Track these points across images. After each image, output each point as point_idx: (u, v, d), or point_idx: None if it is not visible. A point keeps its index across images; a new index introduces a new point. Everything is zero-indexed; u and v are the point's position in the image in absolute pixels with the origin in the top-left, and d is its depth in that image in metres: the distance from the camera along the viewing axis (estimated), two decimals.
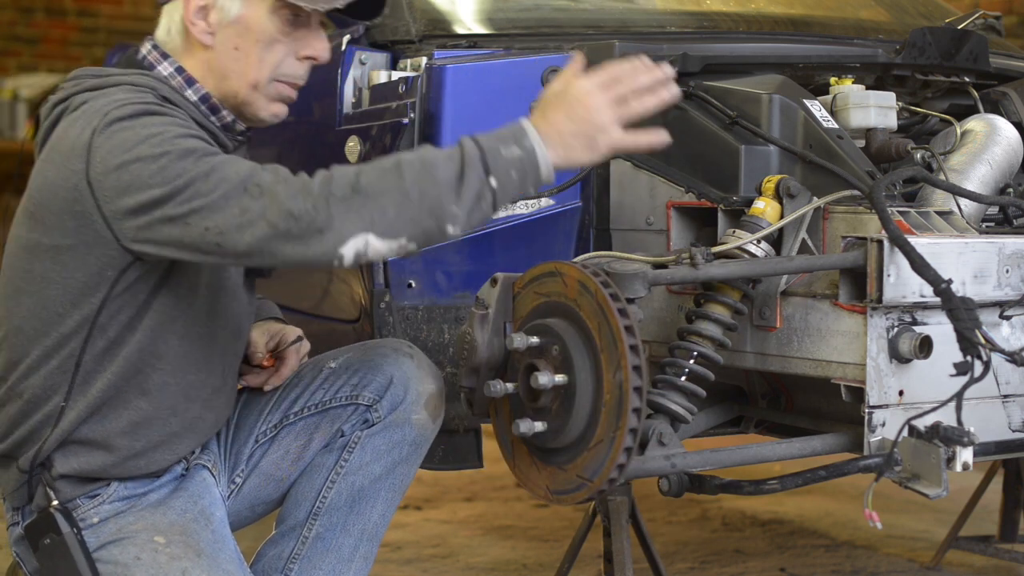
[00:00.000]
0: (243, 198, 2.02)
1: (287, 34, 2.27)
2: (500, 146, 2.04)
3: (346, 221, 2.01)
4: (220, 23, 2.25)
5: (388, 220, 2.01)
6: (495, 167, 2.04)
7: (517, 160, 2.05)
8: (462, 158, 2.03)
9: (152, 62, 2.28)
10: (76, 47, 8.94)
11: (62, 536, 2.23)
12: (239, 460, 2.46)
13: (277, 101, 2.31)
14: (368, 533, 2.45)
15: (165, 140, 2.07)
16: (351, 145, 2.82)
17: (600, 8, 3.24)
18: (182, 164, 2.05)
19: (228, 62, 2.26)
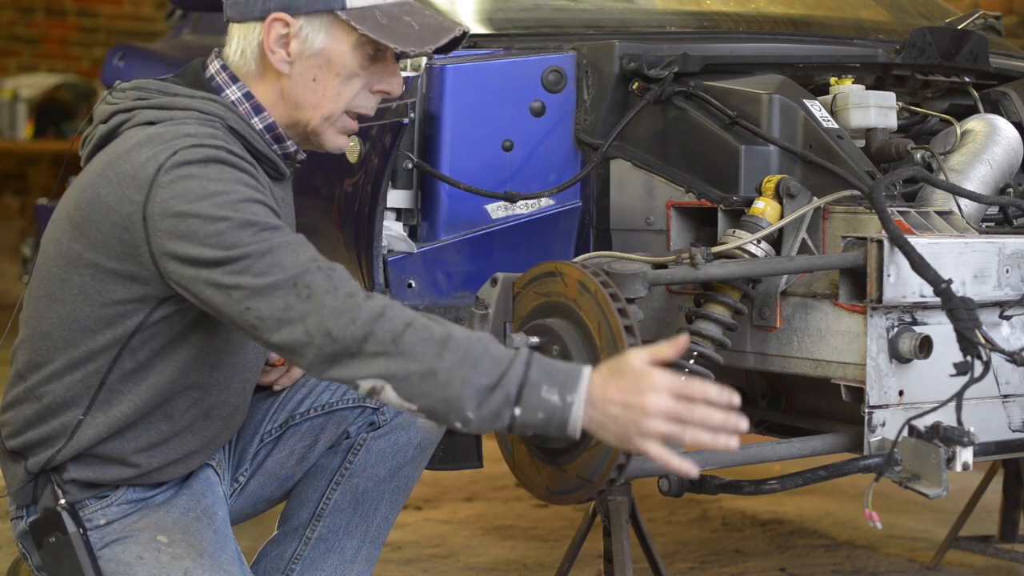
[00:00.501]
0: (290, 295, 1.98)
1: (366, 68, 2.24)
2: (544, 384, 1.94)
3: (373, 363, 1.96)
4: (301, 54, 2.21)
5: (409, 384, 1.96)
6: (527, 401, 1.94)
7: (551, 407, 1.94)
8: (503, 374, 1.94)
9: (221, 84, 2.23)
10: (76, 47, 8.95)
11: (68, 536, 2.22)
12: (243, 459, 2.46)
13: (344, 134, 2.28)
14: (371, 535, 2.45)
15: (228, 203, 2.03)
16: (351, 145, 2.82)
17: (600, 8, 3.24)
18: (240, 234, 2.01)
19: (304, 92, 2.22)
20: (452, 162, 2.75)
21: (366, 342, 1.95)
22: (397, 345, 1.94)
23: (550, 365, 1.97)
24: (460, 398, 1.94)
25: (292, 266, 2.00)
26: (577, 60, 2.80)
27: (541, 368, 1.95)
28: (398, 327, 1.95)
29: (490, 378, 1.93)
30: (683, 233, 2.63)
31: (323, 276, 1.99)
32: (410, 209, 2.78)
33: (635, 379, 1.91)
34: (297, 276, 1.99)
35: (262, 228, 2.02)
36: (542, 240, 2.79)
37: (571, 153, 2.80)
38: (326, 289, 1.98)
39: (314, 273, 1.99)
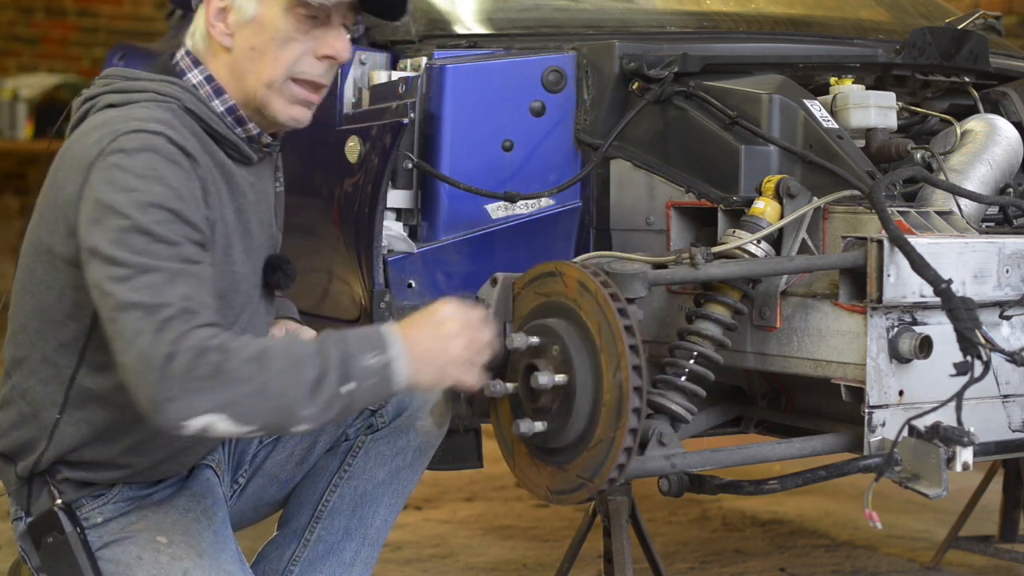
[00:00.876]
0: (146, 321, 1.97)
1: (304, 32, 2.24)
2: (364, 352, 2.02)
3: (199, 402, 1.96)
4: (238, 24, 2.23)
5: (240, 409, 1.97)
6: (355, 374, 2.01)
7: (377, 370, 2.03)
8: (326, 360, 2.00)
9: (183, 68, 2.26)
10: (76, 47, 8.94)
11: (65, 535, 2.23)
12: (243, 460, 2.46)
13: (296, 104, 2.27)
14: (370, 538, 2.45)
15: (139, 202, 2.03)
16: (351, 145, 2.82)
17: (600, 8, 3.24)
18: (135, 240, 2.02)
19: (245, 62, 2.24)
20: (452, 162, 2.75)
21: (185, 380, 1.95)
22: (219, 375, 1.95)
23: (359, 335, 2.04)
24: (292, 403, 1.98)
25: (163, 294, 1.99)
26: (577, 60, 2.80)
27: (355, 340, 2.03)
28: (214, 360, 1.95)
29: (316, 369, 1.98)
30: (683, 233, 2.62)
31: (181, 320, 1.98)
32: (410, 209, 2.78)
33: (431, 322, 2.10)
34: (160, 306, 1.98)
35: (156, 240, 2.02)
36: (542, 240, 2.79)
37: (571, 153, 2.80)
38: (177, 330, 1.97)
39: (178, 315, 1.98)
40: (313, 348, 2.01)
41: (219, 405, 1.96)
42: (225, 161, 2.23)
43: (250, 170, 2.29)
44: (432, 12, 3.06)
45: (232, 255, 2.22)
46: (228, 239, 2.21)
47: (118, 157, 2.07)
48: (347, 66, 2.93)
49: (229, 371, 1.95)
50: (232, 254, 2.22)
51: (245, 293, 2.28)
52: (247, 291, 2.28)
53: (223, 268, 2.19)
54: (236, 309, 2.26)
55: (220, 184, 2.20)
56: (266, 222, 2.34)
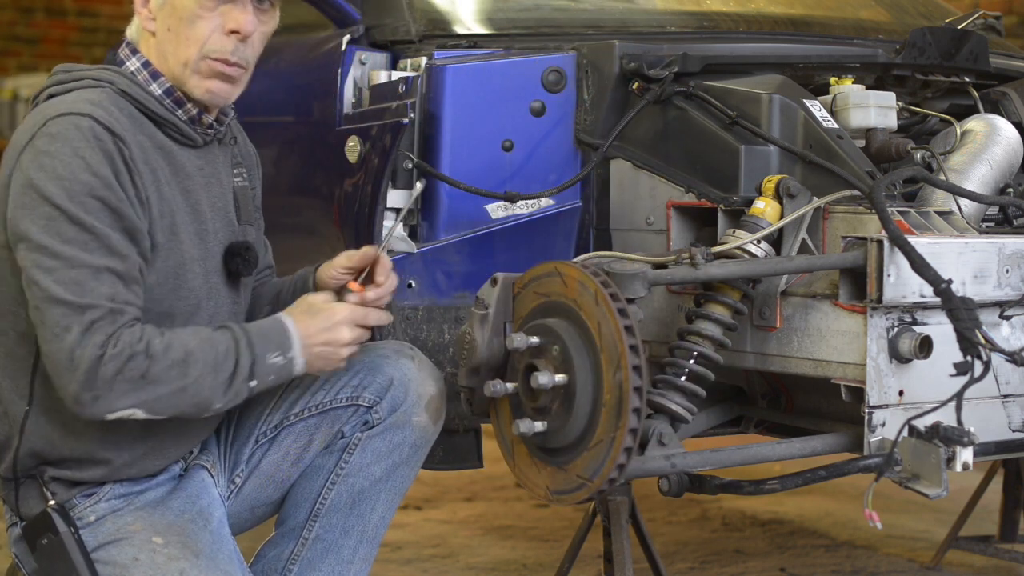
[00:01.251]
0: (74, 319, 2.09)
1: (211, 9, 2.28)
2: (268, 354, 2.21)
3: (125, 398, 2.12)
4: (158, 7, 2.29)
5: (160, 405, 2.15)
6: (259, 373, 2.21)
7: (278, 368, 2.23)
8: (236, 362, 2.19)
9: (123, 58, 2.31)
10: (76, 47, 8.94)
11: (59, 536, 2.23)
12: (239, 460, 2.46)
13: (211, 77, 2.29)
14: (368, 535, 2.44)
15: (69, 191, 2.10)
16: (351, 145, 2.82)
17: (600, 8, 3.24)
18: (66, 230, 2.10)
19: (165, 44, 2.29)
20: (452, 162, 2.75)
21: (114, 382, 2.10)
22: (145, 379, 2.12)
23: (261, 332, 2.23)
24: (208, 399, 2.18)
25: (90, 293, 2.10)
26: (577, 60, 2.80)
27: (259, 339, 2.22)
28: (141, 365, 2.11)
29: (228, 371, 2.18)
30: (683, 233, 2.62)
31: (108, 321, 2.10)
32: (410, 209, 2.78)
33: (324, 319, 2.26)
34: (88, 307, 2.10)
35: (85, 230, 2.11)
36: (542, 240, 2.79)
37: (571, 153, 2.80)
38: (104, 334, 2.10)
39: (104, 316, 2.10)
40: (227, 349, 2.18)
41: (140, 403, 2.13)
42: (166, 143, 2.27)
43: (197, 153, 2.33)
44: (432, 12, 3.06)
45: (179, 235, 2.26)
46: (173, 218, 2.25)
47: (45, 141, 2.13)
48: (347, 66, 2.93)
49: (154, 376, 2.12)
50: (178, 233, 2.25)
51: (201, 276, 2.30)
52: (203, 275, 2.30)
53: (169, 246, 2.24)
54: (195, 292, 2.28)
55: (159, 165, 2.24)
56: (221, 208, 2.36)
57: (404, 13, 3.01)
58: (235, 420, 2.47)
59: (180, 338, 2.16)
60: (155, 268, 2.22)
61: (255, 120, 2.71)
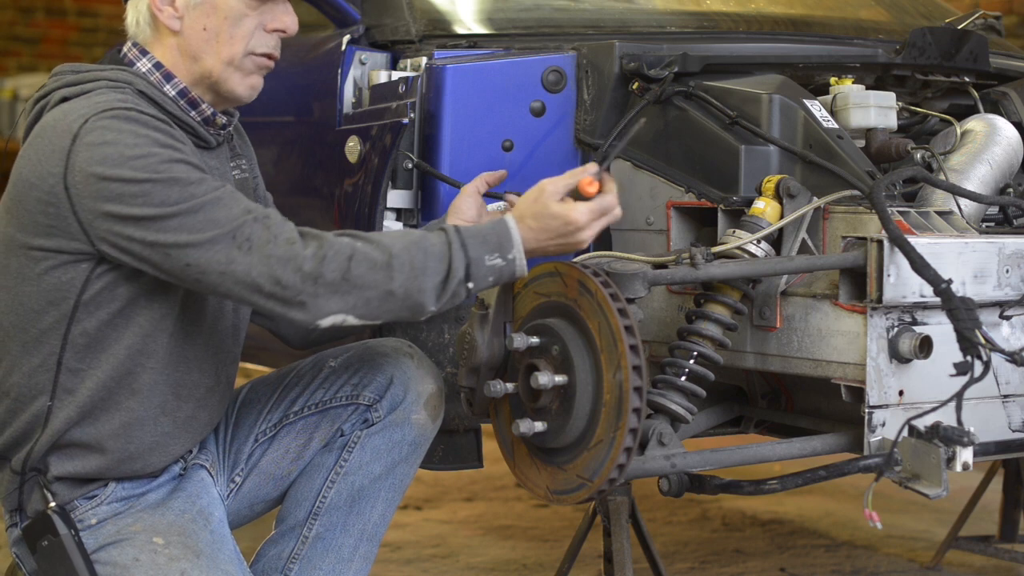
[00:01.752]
0: (231, 248, 2.07)
1: (254, 8, 2.29)
2: (485, 255, 2.16)
3: (330, 302, 2.09)
4: (187, 5, 2.27)
5: (370, 309, 2.12)
6: (476, 274, 2.16)
7: (497, 269, 2.17)
8: (449, 265, 2.13)
9: (132, 59, 2.30)
10: (76, 47, 8.94)
11: (60, 538, 2.23)
12: (239, 459, 2.46)
13: (252, 74, 2.32)
14: (368, 533, 2.45)
15: (148, 166, 2.09)
16: (351, 145, 2.82)
17: (600, 8, 3.24)
18: (168, 192, 2.09)
19: (199, 43, 2.27)
20: (452, 162, 2.75)
21: (317, 285, 2.07)
22: (348, 281, 2.08)
23: (480, 234, 2.16)
24: (420, 303, 2.13)
25: (227, 220, 2.09)
26: (577, 60, 2.80)
27: (476, 241, 2.16)
28: (343, 262, 2.07)
29: (440, 274, 2.12)
30: (683, 233, 2.62)
31: (261, 227, 2.09)
32: (410, 209, 2.78)
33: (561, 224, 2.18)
34: (235, 229, 2.08)
35: (187, 183, 2.10)
36: None
37: (571, 153, 2.80)
38: (266, 239, 2.08)
39: (251, 225, 2.09)
40: (439, 252, 2.13)
41: (348, 306, 2.10)
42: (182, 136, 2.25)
43: (210, 154, 2.33)
44: (432, 12, 3.06)
45: None
46: None
47: (98, 135, 2.11)
48: (347, 66, 2.93)
49: (356, 277, 2.08)
50: None
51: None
52: None
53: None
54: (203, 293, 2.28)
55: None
56: None
57: (404, 13, 3.01)
58: (234, 419, 2.47)
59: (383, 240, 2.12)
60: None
61: (255, 120, 2.71)
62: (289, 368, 2.51)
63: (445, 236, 2.14)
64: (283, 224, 2.11)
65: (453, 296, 2.15)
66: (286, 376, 2.50)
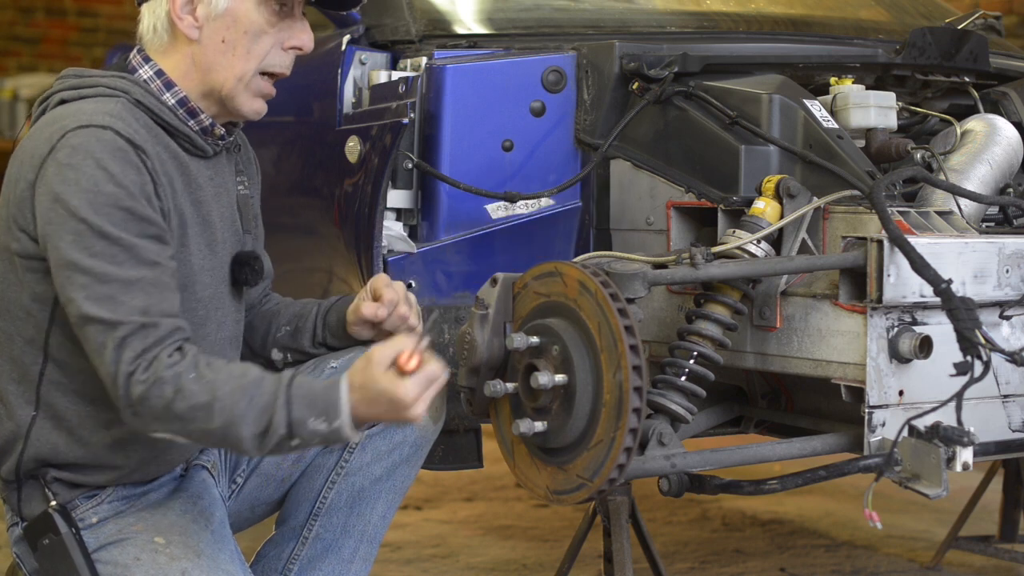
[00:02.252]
0: (107, 336, 2.07)
1: (273, 24, 2.27)
2: (310, 418, 2.08)
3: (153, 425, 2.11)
4: (207, 17, 2.25)
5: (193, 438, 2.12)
6: (300, 433, 2.09)
7: (322, 434, 2.10)
8: (270, 420, 2.07)
9: (135, 66, 2.28)
10: (76, 47, 8.94)
11: (60, 536, 2.23)
12: (240, 460, 2.46)
13: (259, 97, 2.31)
14: (368, 534, 2.45)
15: (95, 204, 2.08)
16: (351, 145, 2.82)
17: (600, 8, 3.24)
18: (94, 243, 2.08)
19: (215, 55, 2.26)
20: (452, 162, 2.75)
21: (140, 409, 2.08)
22: (169, 413, 2.07)
23: (310, 395, 2.08)
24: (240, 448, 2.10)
25: (121, 308, 2.08)
26: (577, 60, 2.80)
27: (303, 403, 2.08)
28: (167, 399, 2.07)
29: (259, 426, 2.07)
30: (683, 233, 2.62)
31: (139, 337, 2.08)
32: (410, 209, 2.78)
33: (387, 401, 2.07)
34: (119, 323, 2.08)
35: (113, 243, 2.09)
36: (542, 240, 2.79)
37: (571, 153, 2.80)
38: (134, 350, 2.07)
39: (134, 329, 2.08)
40: (263, 404, 2.07)
41: (173, 432, 2.11)
42: (179, 153, 2.25)
43: (207, 163, 2.32)
44: (432, 12, 3.06)
45: (188, 246, 2.24)
46: (184, 229, 2.23)
47: (67, 154, 2.11)
48: (347, 66, 2.93)
49: (178, 412, 2.08)
50: (188, 244, 2.24)
51: (211, 287, 2.30)
52: (213, 285, 2.30)
53: (180, 257, 2.22)
54: (204, 303, 2.28)
55: (174, 175, 2.23)
56: (228, 217, 2.35)
57: (404, 13, 3.01)
58: None
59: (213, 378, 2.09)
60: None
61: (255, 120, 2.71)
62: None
63: (276, 388, 2.09)
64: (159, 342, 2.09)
65: (278, 447, 2.10)
66: None
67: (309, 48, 2.32)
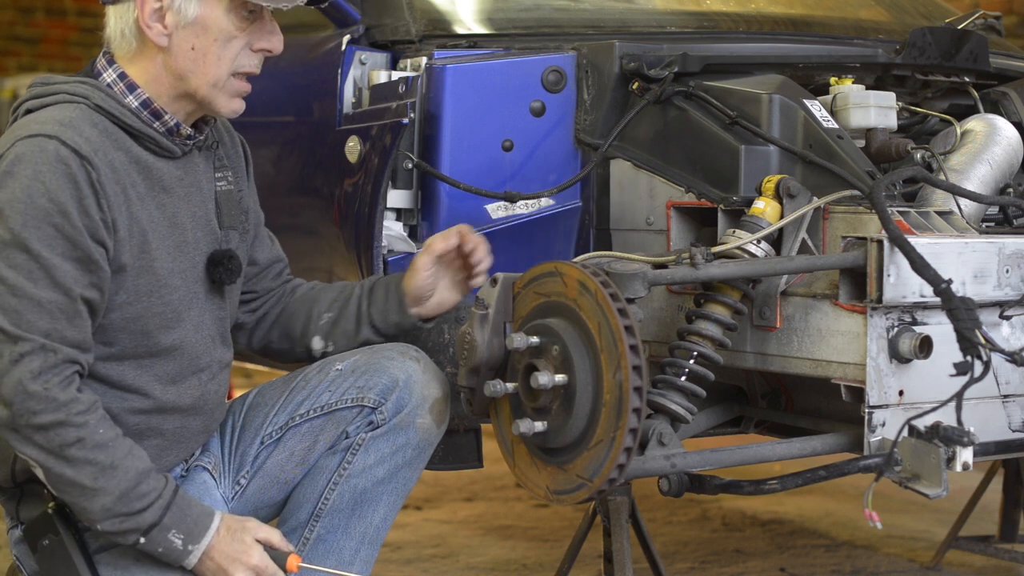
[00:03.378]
0: (4, 346, 2.10)
1: (243, 30, 2.28)
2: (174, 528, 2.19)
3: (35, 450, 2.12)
4: (177, 25, 2.25)
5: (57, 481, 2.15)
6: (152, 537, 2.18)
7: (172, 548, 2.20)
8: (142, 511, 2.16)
9: (99, 69, 2.29)
10: (76, 47, 8.94)
11: (60, 537, 2.23)
12: (244, 461, 2.45)
13: (235, 97, 2.32)
14: (369, 536, 2.44)
15: (24, 216, 2.10)
16: (351, 145, 2.82)
17: (600, 8, 3.24)
18: (13, 255, 2.10)
19: (185, 62, 2.27)
20: (452, 162, 2.75)
21: (37, 434, 2.10)
22: (61, 452, 2.11)
23: (185, 512, 2.20)
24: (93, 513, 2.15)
25: (26, 326, 2.10)
26: (577, 60, 2.80)
27: (177, 513, 2.19)
28: (69, 438, 2.11)
29: (128, 509, 2.15)
30: (683, 233, 2.62)
31: (39, 359, 2.10)
32: (410, 209, 2.78)
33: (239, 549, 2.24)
34: (20, 338, 2.10)
35: (33, 258, 2.10)
36: (542, 240, 2.79)
37: (571, 153, 2.80)
38: (32, 371, 2.09)
39: (35, 351, 2.10)
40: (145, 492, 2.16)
41: (41, 464, 2.13)
42: (143, 156, 2.26)
43: (176, 164, 2.32)
44: (432, 12, 3.06)
45: (151, 251, 2.25)
46: (144, 236, 2.24)
47: (10, 162, 2.14)
48: (347, 66, 2.93)
49: (69, 454, 2.12)
50: (150, 251, 2.25)
51: (182, 289, 2.30)
52: (184, 287, 2.30)
53: (140, 265, 2.23)
54: (173, 306, 2.28)
55: (135, 180, 2.23)
56: (202, 217, 2.35)
57: (404, 13, 3.01)
58: (241, 421, 2.47)
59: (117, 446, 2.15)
60: (125, 288, 2.23)
61: (255, 120, 2.71)
62: (296, 372, 2.51)
63: (163, 486, 2.19)
64: (59, 368, 2.11)
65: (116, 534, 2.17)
66: (293, 380, 2.49)
67: (278, 50, 2.33)
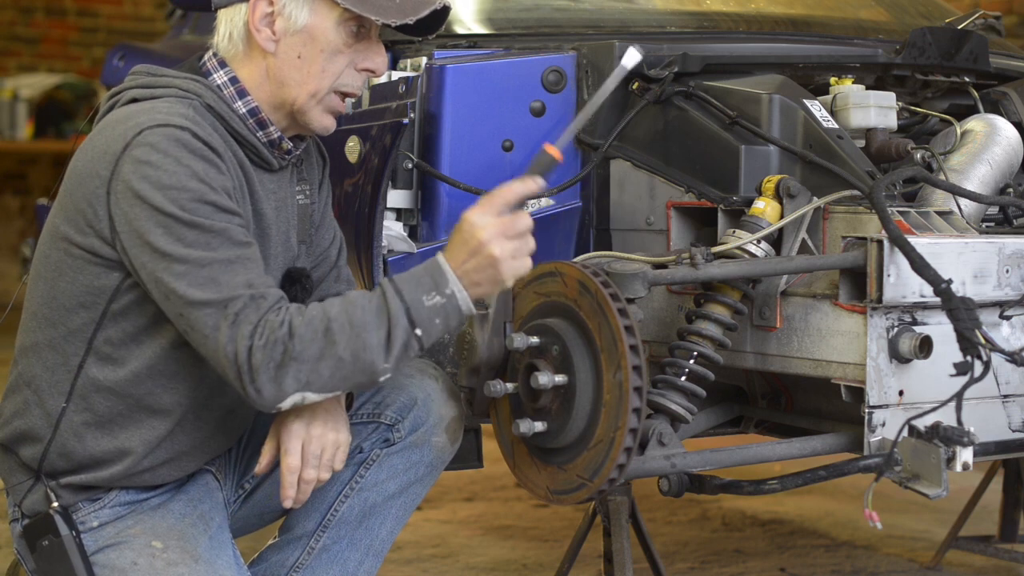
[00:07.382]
0: (219, 316, 2.07)
1: (350, 45, 2.26)
2: (423, 296, 2.10)
3: (284, 385, 2.08)
4: (286, 31, 2.23)
5: (323, 380, 2.10)
6: (420, 319, 2.09)
7: (440, 308, 2.10)
8: (388, 317, 2.08)
9: (209, 70, 2.27)
10: (76, 47, 8.95)
11: (60, 538, 2.22)
12: (251, 466, 2.43)
13: (330, 114, 2.29)
14: (375, 549, 2.44)
15: (178, 200, 2.08)
16: (351, 145, 2.82)
17: (600, 8, 3.24)
18: (186, 233, 2.08)
19: (289, 70, 2.25)
20: (452, 162, 2.75)
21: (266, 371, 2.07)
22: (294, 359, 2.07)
23: (414, 279, 2.11)
24: (371, 363, 2.08)
25: (227, 286, 2.08)
26: (577, 60, 2.80)
27: (410, 286, 2.10)
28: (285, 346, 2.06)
29: (382, 327, 2.08)
30: (683, 233, 2.63)
31: (253, 310, 2.08)
32: (410, 209, 2.78)
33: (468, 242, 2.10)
34: (229, 300, 2.08)
35: (207, 230, 2.09)
36: (542, 240, 2.78)
37: (571, 153, 2.80)
38: (250, 323, 2.07)
39: (244, 301, 2.08)
40: (375, 307, 2.08)
41: (302, 384, 2.08)
42: (245, 163, 2.25)
43: (271, 176, 2.31)
44: None
45: None
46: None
47: (145, 151, 2.10)
48: None
49: (298, 354, 2.06)
50: None
51: None
52: None
53: None
54: None
55: (242, 183, 2.23)
56: (284, 232, 2.35)
57: None
58: (251, 425, 2.45)
59: (322, 308, 2.09)
60: None
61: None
62: None
63: (380, 288, 2.11)
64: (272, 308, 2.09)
65: (405, 348, 2.09)
66: None
67: (382, 72, 2.31)
